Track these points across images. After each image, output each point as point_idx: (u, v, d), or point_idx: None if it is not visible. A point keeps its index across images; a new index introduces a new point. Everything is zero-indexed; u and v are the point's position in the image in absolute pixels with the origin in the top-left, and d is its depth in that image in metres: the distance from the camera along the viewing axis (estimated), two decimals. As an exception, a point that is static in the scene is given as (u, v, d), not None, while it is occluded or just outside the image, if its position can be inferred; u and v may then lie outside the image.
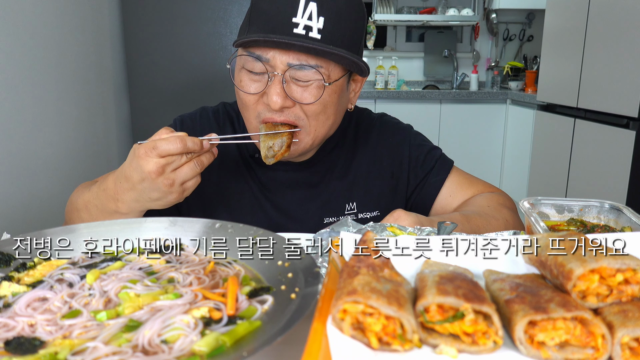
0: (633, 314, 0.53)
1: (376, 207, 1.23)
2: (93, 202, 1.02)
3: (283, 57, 0.99)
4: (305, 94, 1.02)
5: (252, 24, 1.01)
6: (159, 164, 0.90)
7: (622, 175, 2.79)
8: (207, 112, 1.26)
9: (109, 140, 2.85)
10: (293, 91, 1.02)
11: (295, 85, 1.02)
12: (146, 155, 0.90)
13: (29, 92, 1.95)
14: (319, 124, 1.06)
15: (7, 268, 0.75)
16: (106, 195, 0.99)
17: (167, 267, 0.75)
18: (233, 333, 0.57)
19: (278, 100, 1.00)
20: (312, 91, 1.02)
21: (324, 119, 1.07)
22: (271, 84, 1.00)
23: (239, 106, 1.11)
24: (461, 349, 0.53)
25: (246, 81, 1.04)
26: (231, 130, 1.24)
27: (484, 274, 0.67)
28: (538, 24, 4.81)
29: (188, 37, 3.15)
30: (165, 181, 0.91)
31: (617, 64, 2.84)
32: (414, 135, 1.29)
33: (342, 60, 1.02)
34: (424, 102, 4.37)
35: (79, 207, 1.06)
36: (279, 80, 1.00)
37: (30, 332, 0.59)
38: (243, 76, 1.05)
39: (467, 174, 1.28)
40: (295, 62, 0.99)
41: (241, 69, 1.06)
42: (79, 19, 2.42)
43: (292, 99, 1.02)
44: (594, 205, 0.96)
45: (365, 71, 1.07)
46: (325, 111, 1.06)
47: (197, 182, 0.96)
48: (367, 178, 1.23)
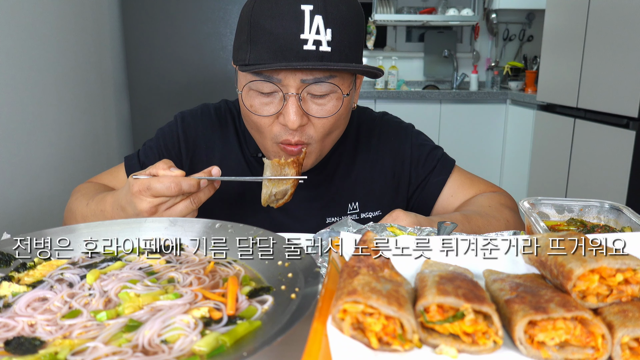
0: (633, 314, 0.53)
1: (378, 206, 1.23)
2: (90, 219, 1.02)
3: (296, 76, 0.95)
4: (326, 108, 1.00)
5: (255, 44, 0.95)
6: (152, 203, 0.89)
7: (622, 175, 2.79)
8: (208, 109, 1.25)
9: (109, 140, 2.85)
10: (310, 108, 0.99)
11: (312, 102, 0.99)
12: (140, 194, 0.89)
13: (29, 92, 1.95)
14: (331, 138, 1.06)
15: (7, 268, 0.75)
16: (104, 218, 0.99)
17: (167, 267, 0.75)
18: (233, 333, 0.57)
19: (297, 119, 0.96)
20: (331, 103, 1.00)
21: (337, 133, 1.07)
22: (287, 104, 0.97)
23: (250, 129, 1.08)
24: (461, 349, 0.53)
25: (258, 105, 1.00)
26: (232, 128, 1.23)
27: (484, 274, 0.67)
28: (538, 24, 4.81)
29: (188, 37, 3.15)
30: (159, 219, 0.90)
31: (617, 64, 2.84)
32: (415, 135, 1.28)
33: (358, 71, 0.99)
34: (424, 102, 4.37)
35: (77, 219, 1.06)
36: (296, 99, 0.97)
37: (30, 332, 0.59)
38: (253, 99, 1.01)
39: (468, 174, 1.28)
40: (309, 78, 0.96)
41: (249, 91, 1.01)
42: (79, 19, 2.42)
43: (310, 115, 0.99)
44: (594, 205, 0.96)
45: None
46: (339, 125, 1.05)
47: (193, 216, 0.94)
48: (369, 178, 1.23)
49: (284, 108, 0.98)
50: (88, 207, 1.05)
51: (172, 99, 3.22)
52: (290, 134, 1.00)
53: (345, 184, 1.22)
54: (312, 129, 1.01)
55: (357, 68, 0.96)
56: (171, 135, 1.22)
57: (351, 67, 0.95)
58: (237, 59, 1.01)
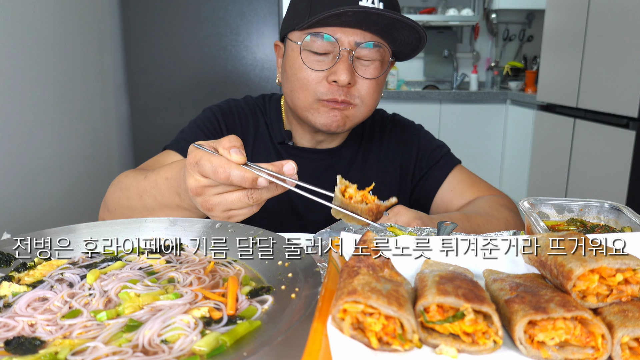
0: (633, 314, 0.53)
1: (385, 198, 1.25)
2: (150, 192, 0.92)
3: (350, 37, 1.06)
4: (371, 71, 1.10)
5: (315, 6, 1.06)
6: (198, 182, 0.77)
7: (622, 175, 2.79)
8: (239, 102, 1.30)
9: (109, 140, 2.85)
10: (358, 68, 1.09)
11: (359, 64, 1.10)
12: (189, 167, 0.78)
13: (29, 93, 1.95)
14: (371, 102, 1.14)
15: (7, 268, 0.75)
16: (169, 186, 0.88)
17: (167, 267, 0.75)
18: (233, 333, 0.57)
19: (347, 76, 1.06)
20: (375, 67, 1.11)
21: (376, 98, 1.16)
22: (339, 61, 1.06)
23: (294, 90, 1.13)
24: (461, 349, 0.53)
25: (310, 62, 1.09)
26: (262, 119, 1.28)
27: (484, 274, 0.67)
28: (538, 24, 4.81)
29: (188, 37, 3.15)
30: (204, 204, 0.79)
31: (617, 64, 2.84)
32: (424, 133, 1.36)
33: (408, 36, 1.08)
34: (424, 102, 4.37)
35: (130, 196, 0.95)
36: (348, 57, 1.06)
37: (30, 332, 0.59)
38: (306, 57, 1.09)
39: (472, 174, 1.31)
40: (362, 40, 1.07)
41: (303, 51, 1.09)
42: (79, 19, 2.42)
43: (357, 75, 1.09)
44: (594, 205, 0.96)
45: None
46: (378, 90, 1.14)
47: (249, 214, 0.80)
48: (378, 170, 1.30)
49: (336, 65, 1.07)
50: (147, 179, 0.94)
51: (172, 99, 3.22)
52: (337, 92, 1.09)
53: (362, 173, 1.28)
54: (356, 91, 1.11)
55: (413, 23, 1.04)
56: (212, 125, 1.23)
57: (409, 20, 1.03)
58: (294, 23, 1.10)
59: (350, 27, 1.06)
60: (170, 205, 0.89)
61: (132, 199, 0.95)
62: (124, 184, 1.00)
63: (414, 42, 1.11)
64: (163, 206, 0.90)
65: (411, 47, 1.13)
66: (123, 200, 0.98)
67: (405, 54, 1.17)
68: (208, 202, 0.78)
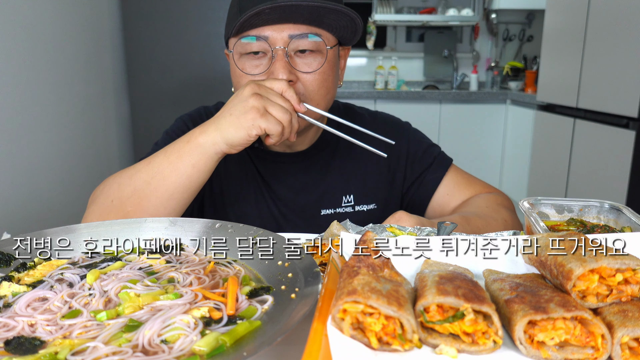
0: (633, 314, 0.53)
1: (373, 200, 1.24)
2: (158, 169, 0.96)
3: (283, 33, 1.02)
4: (309, 62, 1.05)
5: (243, 9, 1.02)
6: (253, 89, 0.95)
7: (622, 175, 2.79)
8: (209, 109, 1.27)
9: (109, 140, 2.84)
10: (297, 63, 1.05)
11: (298, 58, 1.05)
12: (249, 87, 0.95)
13: (29, 92, 1.95)
14: (318, 96, 1.08)
15: (7, 268, 0.75)
16: (181, 141, 0.98)
17: (167, 267, 0.75)
18: (233, 333, 0.57)
19: (284, 74, 1.02)
20: (315, 58, 1.05)
21: (325, 91, 1.09)
22: (275, 60, 1.03)
23: None
24: (461, 349, 0.53)
25: (249, 67, 1.06)
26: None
27: (483, 274, 0.67)
28: (538, 24, 4.81)
29: (188, 37, 3.15)
30: (253, 88, 0.94)
31: (617, 64, 2.84)
32: (412, 132, 1.30)
33: (340, 20, 1.03)
34: (424, 102, 4.38)
35: (137, 188, 0.97)
36: (283, 55, 1.02)
37: (30, 332, 0.59)
38: (244, 63, 1.07)
39: (465, 173, 1.28)
40: (296, 32, 1.02)
41: (240, 57, 1.07)
42: (79, 18, 2.42)
43: (297, 70, 1.05)
44: (593, 205, 0.96)
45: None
46: (325, 84, 1.08)
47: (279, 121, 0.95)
48: (363, 171, 1.25)
49: (273, 65, 1.03)
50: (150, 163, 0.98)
51: (172, 99, 3.22)
52: None
53: (341, 176, 1.23)
54: (300, 87, 1.06)
55: (337, 7, 1.00)
56: (183, 133, 1.20)
57: (331, 4, 0.99)
58: (229, 33, 1.06)
59: (278, 24, 1.02)
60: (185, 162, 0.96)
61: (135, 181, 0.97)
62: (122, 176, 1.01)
63: (350, 24, 1.06)
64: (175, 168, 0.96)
65: (350, 29, 1.08)
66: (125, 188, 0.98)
67: (349, 39, 1.12)
68: (258, 87, 0.94)
